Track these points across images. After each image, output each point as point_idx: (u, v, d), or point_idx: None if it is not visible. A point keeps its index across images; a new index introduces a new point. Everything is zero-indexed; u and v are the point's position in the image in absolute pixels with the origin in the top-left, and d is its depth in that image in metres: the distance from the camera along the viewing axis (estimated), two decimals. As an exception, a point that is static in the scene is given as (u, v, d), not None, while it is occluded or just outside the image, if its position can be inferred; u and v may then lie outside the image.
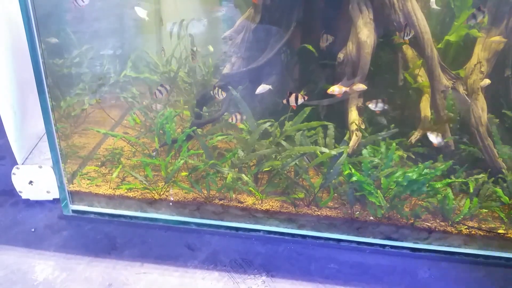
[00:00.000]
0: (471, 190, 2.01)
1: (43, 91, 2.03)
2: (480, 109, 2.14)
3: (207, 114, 2.45)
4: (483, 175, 2.05)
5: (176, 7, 2.85)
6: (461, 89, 2.13)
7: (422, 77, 2.26)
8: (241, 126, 2.25)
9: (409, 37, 1.99)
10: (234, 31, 2.55)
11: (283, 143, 2.10)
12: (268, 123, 2.14)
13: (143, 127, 2.54)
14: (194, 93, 2.62)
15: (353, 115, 2.13)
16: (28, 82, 2.11)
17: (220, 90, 2.14)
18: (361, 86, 2.06)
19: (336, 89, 2.03)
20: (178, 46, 2.71)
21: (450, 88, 2.12)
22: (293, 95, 1.94)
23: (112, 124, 2.63)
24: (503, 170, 2.07)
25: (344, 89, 2.03)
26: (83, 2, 1.99)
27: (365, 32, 2.08)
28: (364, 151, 2.05)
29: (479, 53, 2.18)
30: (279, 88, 2.34)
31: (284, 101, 1.96)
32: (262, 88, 2.10)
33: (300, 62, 2.31)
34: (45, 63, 1.99)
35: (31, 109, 2.32)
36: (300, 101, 1.95)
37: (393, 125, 2.21)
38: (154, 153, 2.26)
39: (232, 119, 2.09)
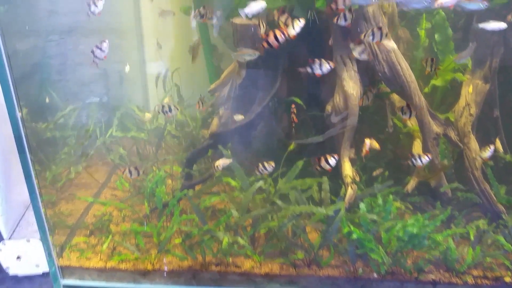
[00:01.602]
0: (472, 238, 1.97)
1: (26, 163, 1.96)
2: (473, 152, 2.12)
3: (197, 172, 2.39)
4: (483, 221, 2.02)
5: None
6: (452, 134, 2.12)
7: (412, 121, 2.24)
8: (234, 183, 2.19)
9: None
10: (220, 84, 2.52)
11: (278, 202, 2.04)
12: (261, 182, 2.09)
13: (132, 187, 2.47)
14: (183, 146, 2.58)
15: (347, 167, 2.09)
16: (10, 148, 2.03)
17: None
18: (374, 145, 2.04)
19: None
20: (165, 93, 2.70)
21: (441, 135, 2.10)
22: None
23: (99, 186, 2.55)
24: (503, 215, 2.04)
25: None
26: (97, 9, 1.89)
27: (351, 84, 2.06)
28: (362, 205, 2.00)
29: (466, 95, 2.17)
30: (268, 140, 2.32)
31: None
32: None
33: (287, 114, 2.28)
34: (26, 131, 1.93)
35: (16, 176, 2.24)
36: None
37: (387, 172, 2.18)
38: (145, 220, 2.18)
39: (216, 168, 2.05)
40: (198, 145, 2.45)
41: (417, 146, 2.21)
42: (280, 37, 1.72)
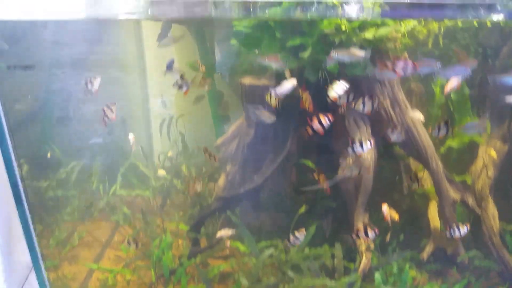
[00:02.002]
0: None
1: (28, 229, 1.90)
2: (491, 217, 2.04)
3: (204, 235, 2.30)
4: (504, 291, 1.95)
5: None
6: (470, 200, 2.04)
7: (427, 182, 2.16)
8: (242, 248, 2.12)
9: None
10: (226, 139, 2.44)
11: (290, 273, 1.97)
12: (272, 249, 2.02)
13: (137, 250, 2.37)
14: (189, 202, 2.49)
15: (361, 233, 2.01)
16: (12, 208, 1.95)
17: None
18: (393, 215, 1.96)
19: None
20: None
21: (459, 201, 2.02)
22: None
23: (102, 245, 2.47)
24: (524, 285, 1.97)
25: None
26: (93, 87, 1.81)
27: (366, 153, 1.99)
28: (377, 275, 1.92)
29: (484, 156, 2.10)
30: (278, 203, 2.24)
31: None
32: None
33: (299, 176, 2.21)
34: (26, 189, 1.87)
35: (18, 236, 2.16)
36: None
37: (402, 235, 2.11)
38: None
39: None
40: (203, 202, 2.37)
41: (432, 209, 2.13)
42: (325, 122, 1.65)
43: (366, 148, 1.70)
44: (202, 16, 1.92)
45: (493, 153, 2.01)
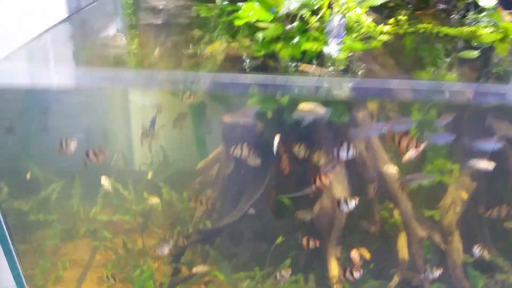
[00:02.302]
0: None
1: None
2: (456, 250, 2.17)
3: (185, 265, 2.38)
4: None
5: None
6: (436, 237, 2.15)
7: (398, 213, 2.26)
8: (221, 278, 2.21)
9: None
10: (208, 164, 2.49)
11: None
12: (248, 281, 2.12)
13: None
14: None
15: (333, 268, 2.12)
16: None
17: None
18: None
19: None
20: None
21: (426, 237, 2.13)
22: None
23: (85, 266, 2.54)
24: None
25: None
26: (70, 149, 1.81)
27: (339, 188, 2.07)
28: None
29: (453, 193, 2.20)
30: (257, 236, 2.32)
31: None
32: None
33: (276, 214, 2.29)
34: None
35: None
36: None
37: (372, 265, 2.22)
38: None
39: None
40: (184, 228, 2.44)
41: (402, 241, 2.24)
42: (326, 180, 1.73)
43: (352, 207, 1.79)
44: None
45: (464, 195, 2.11)
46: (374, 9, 2.51)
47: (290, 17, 2.01)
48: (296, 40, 2.00)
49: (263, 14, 2.05)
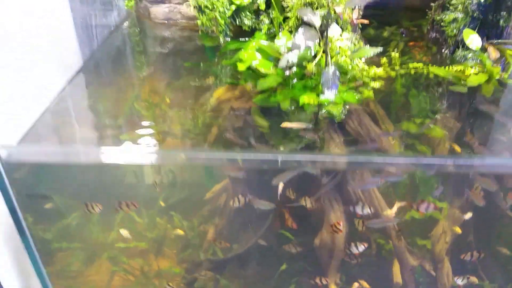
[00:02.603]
0: None
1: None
2: (445, 275, 2.35)
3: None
4: None
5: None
6: (427, 266, 2.34)
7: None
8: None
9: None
10: (215, 195, 2.67)
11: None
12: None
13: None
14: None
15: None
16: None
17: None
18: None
19: None
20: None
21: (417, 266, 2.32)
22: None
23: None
24: None
25: None
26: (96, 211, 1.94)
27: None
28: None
29: (443, 224, 2.37)
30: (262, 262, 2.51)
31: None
32: None
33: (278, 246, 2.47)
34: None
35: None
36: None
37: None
38: None
39: None
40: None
41: (397, 266, 2.43)
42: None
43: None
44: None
45: (458, 229, 2.28)
46: (369, 40, 2.68)
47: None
48: (295, 87, 2.17)
49: (264, 63, 2.21)
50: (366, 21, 2.01)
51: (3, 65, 1.70)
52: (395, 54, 2.49)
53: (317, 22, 2.00)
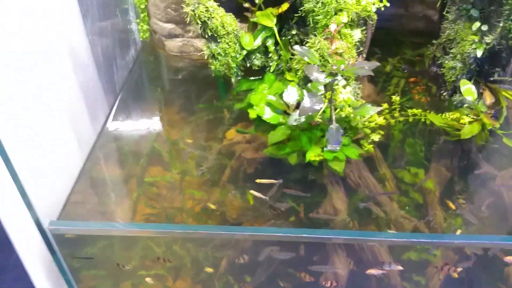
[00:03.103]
0: None
1: None
2: None
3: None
4: None
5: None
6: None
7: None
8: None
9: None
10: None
11: None
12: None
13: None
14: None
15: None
16: None
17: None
18: None
19: None
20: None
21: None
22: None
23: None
24: None
25: None
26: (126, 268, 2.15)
27: (339, 201, 2.39)
28: None
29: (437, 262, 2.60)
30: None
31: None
32: None
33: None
34: None
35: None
36: None
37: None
38: None
39: None
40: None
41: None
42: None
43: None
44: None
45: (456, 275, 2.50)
46: (370, 79, 2.85)
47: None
48: (301, 140, 2.37)
49: (273, 117, 2.41)
50: (371, 73, 2.18)
51: (43, 119, 1.88)
52: (395, 98, 2.66)
53: (323, 80, 2.18)
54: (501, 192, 2.31)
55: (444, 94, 2.75)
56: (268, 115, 2.39)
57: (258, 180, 2.20)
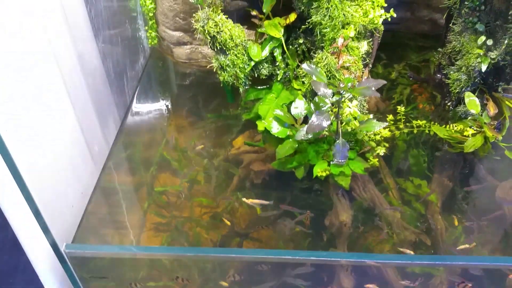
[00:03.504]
0: None
1: None
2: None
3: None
4: None
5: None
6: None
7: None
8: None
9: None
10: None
11: None
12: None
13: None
14: None
15: None
16: None
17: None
18: None
19: None
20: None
21: None
22: None
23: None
24: None
25: None
26: None
27: (344, 214, 2.48)
28: None
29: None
30: None
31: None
32: None
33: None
34: None
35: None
36: None
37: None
38: None
39: None
40: None
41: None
42: None
43: None
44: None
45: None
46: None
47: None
48: (309, 153, 2.44)
49: (281, 132, 2.47)
50: (377, 94, 2.23)
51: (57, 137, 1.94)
52: (401, 109, 2.71)
53: (330, 95, 2.23)
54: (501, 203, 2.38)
55: (449, 104, 2.79)
56: (276, 129, 2.45)
57: (247, 200, 2.27)
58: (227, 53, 2.63)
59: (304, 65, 2.26)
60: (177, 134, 2.81)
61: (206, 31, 2.44)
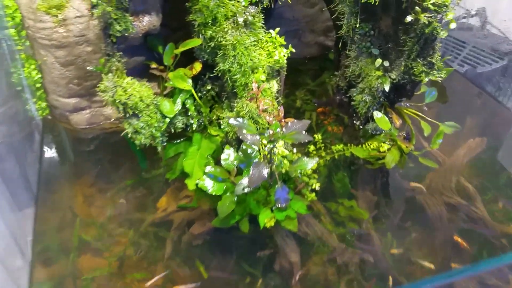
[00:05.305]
0: None
1: None
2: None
3: None
4: None
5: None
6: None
7: None
8: None
9: None
10: None
11: None
12: None
13: None
14: None
15: None
16: None
17: None
18: None
19: None
20: None
21: None
22: None
23: None
24: None
25: None
26: None
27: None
28: None
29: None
30: None
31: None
32: None
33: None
34: None
35: None
36: None
37: None
38: None
39: None
40: None
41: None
42: None
43: None
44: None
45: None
46: (286, 112, 2.88)
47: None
48: (249, 203, 2.39)
49: (218, 188, 2.39)
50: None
51: None
52: (318, 137, 2.81)
53: (257, 142, 2.21)
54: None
55: (358, 123, 2.96)
56: (211, 188, 2.37)
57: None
58: (140, 115, 2.47)
59: (232, 120, 2.21)
60: (93, 209, 2.54)
61: (117, 101, 2.26)
